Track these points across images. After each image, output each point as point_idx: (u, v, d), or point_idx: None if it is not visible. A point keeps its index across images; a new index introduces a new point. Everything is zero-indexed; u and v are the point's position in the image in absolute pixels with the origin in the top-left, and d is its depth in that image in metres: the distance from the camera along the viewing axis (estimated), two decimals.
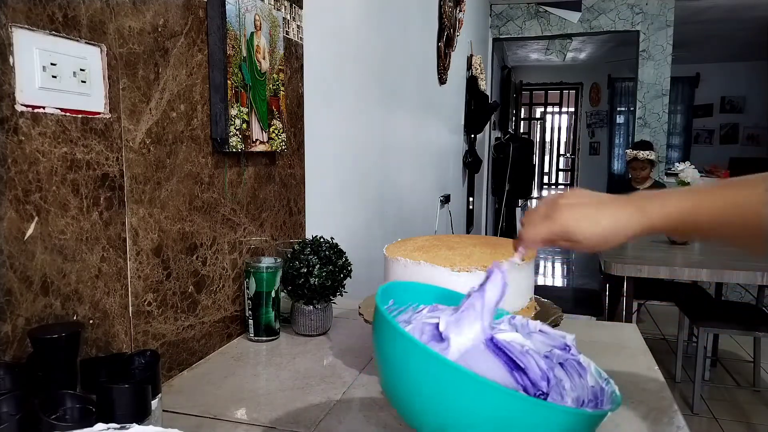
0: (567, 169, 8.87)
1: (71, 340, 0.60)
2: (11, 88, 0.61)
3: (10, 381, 0.56)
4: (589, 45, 6.64)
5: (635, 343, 1.07)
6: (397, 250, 0.96)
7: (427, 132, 2.87)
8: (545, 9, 5.05)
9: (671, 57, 4.87)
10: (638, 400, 0.82)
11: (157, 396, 0.63)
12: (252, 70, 1.04)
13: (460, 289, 0.88)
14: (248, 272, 1.02)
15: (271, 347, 1.03)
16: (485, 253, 0.92)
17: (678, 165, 3.27)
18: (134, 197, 0.79)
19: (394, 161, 2.27)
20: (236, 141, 0.99)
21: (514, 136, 5.88)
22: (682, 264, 2.45)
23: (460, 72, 3.83)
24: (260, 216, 1.14)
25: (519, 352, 0.61)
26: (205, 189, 0.96)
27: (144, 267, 0.82)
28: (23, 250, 0.63)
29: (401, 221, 2.41)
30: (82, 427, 0.43)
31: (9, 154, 0.61)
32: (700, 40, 6.27)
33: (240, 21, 0.99)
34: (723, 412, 2.81)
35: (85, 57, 0.70)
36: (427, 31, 2.78)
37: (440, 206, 3.25)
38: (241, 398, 0.82)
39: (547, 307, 1.01)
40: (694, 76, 7.83)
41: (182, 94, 0.89)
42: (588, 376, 0.61)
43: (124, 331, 0.78)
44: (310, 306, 1.07)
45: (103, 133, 0.73)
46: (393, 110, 2.22)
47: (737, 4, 4.94)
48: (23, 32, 0.62)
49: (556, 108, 8.82)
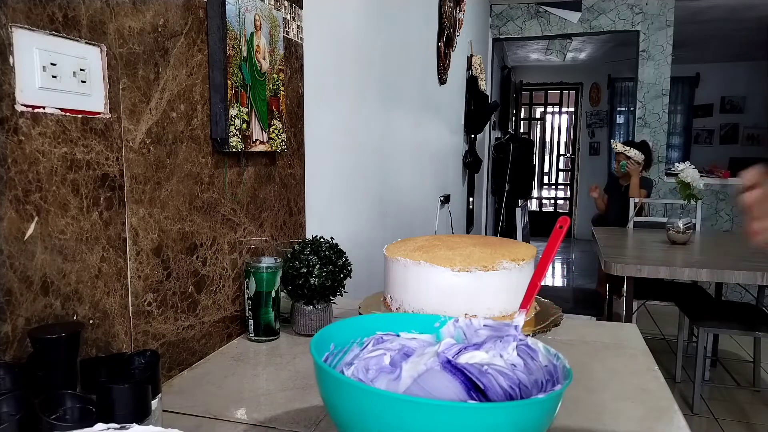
0: (567, 169, 8.86)
1: (71, 340, 0.60)
2: (11, 88, 0.61)
3: (10, 381, 0.55)
4: (589, 45, 6.64)
5: (635, 343, 1.07)
6: (397, 250, 0.96)
7: (427, 132, 2.87)
8: (545, 9, 5.05)
9: (671, 57, 4.87)
10: (638, 400, 0.82)
11: (157, 396, 0.62)
12: (252, 70, 1.04)
13: (460, 289, 0.88)
14: (248, 272, 1.02)
15: (271, 347, 1.03)
16: (485, 253, 0.92)
17: (678, 165, 3.27)
18: (134, 197, 0.79)
19: (394, 161, 2.27)
20: (236, 141, 0.99)
21: (514, 136, 5.88)
22: (682, 264, 2.45)
23: (460, 72, 3.83)
24: (260, 216, 1.14)
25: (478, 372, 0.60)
26: (205, 189, 0.96)
27: (144, 267, 0.82)
28: (23, 250, 0.63)
29: (401, 221, 2.41)
30: (82, 427, 0.43)
31: (9, 154, 0.61)
32: (700, 40, 6.26)
33: (240, 21, 0.99)
34: (723, 412, 2.81)
35: (85, 57, 0.70)
36: (427, 31, 2.78)
37: (440, 206, 3.25)
38: (241, 398, 0.82)
39: (547, 307, 1.01)
40: (694, 76, 7.83)
41: (182, 94, 0.89)
42: (540, 356, 0.61)
43: (124, 331, 0.78)
44: (310, 306, 1.07)
45: (103, 133, 0.73)
46: (393, 110, 2.22)
47: (737, 4, 4.94)
48: (23, 32, 0.62)
49: (556, 108, 8.81)
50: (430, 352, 0.64)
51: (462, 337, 0.68)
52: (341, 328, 0.67)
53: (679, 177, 3.17)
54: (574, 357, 0.97)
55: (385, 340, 0.68)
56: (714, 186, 4.97)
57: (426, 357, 0.63)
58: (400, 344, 0.67)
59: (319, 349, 0.60)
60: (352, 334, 0.68)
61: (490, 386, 0.59)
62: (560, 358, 0.58)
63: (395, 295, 0.94)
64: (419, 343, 0.68)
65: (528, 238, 6.16)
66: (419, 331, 0.70)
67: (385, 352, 0.65)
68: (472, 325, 0.68)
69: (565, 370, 0.56)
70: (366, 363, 0.63)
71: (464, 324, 0.69)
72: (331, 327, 0.66)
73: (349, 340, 0.67)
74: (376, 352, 0.65)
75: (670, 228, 2.89)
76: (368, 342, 0.67)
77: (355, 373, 0.62)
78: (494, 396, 0.58)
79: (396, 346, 0.66)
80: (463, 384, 0.59)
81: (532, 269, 0.95)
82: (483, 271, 0.88)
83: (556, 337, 1.08)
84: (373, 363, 0.63)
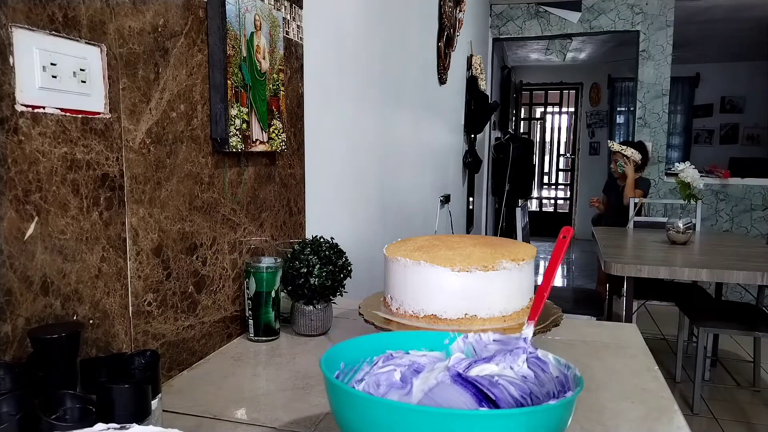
0: (567, 169, 8.86)
1: (71, 340, 0.60)
2: (11, 88, 0.61)
3: (10, 381, 0.55)
4: (589, 45, 6.64)
5: (635, 343, 1.07)
6: (397, 250, 0.96)
7: (427, 132, 2.87)
8: (545, 9, 5.05)
9: (671, 57, 4.87)
10: (638, 400, 0.82)
11: (157, 396, 0.62)
12: (252, 70, 1.04)
13: (460, 289, 0.88)
14: (248, 272, 1.02)
15: (271, 347, 1.03)
16: (485, 253, 0.92)
17: (678, 165, 3.27)
18: (134, 197, 0.79)
19: (394, 161, 2.27)
20: (236, 141, 0.99)
21: (514, 136, 5.87)
22: (682, 264, 2.45)
23: (460, 72, 3.83)
24: (260, 216, 1.14)
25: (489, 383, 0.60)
26: (205, 189, 0.96)
27: (144, 267, 0.82)
28: (23, 250, 0.63)
29: (401, 221, 2.41)
30: (82, 427, 0.43)
31: (9, 154, 0.61)
32: (700, 40, 6.26)
33: (240, 21, 0.99)
34: (723, 412, 2.81)
35: (85, 57, 0.70)
36: (427, 31, 2.78)
37: (440, 206, 3.25)
38: (241, 398, 0.82)
39: (547, 307, 1.01)
40: (694, 76, 7.83)
41: (182, 94, 0.89)
42: (550, 367, 0.61)
43: (124, 331, 0.78)
44: (310, 306, 1.07)
45: (103, 133, 0.73)
46: (393, 110, 2.22)
47: (737, 4, 4.94)
48: (23, 32, 0.62)
49: (556, 108, 8.81)
50: (440, 366, 0.65)
51: (472, 353, 0.68)
52: (351, 346, 0.67)
53: (679, 177, 3.17)
54: (574, 357, 0.97)
55: (394, 356, 0.67)
56: (714, 186, 4.97)
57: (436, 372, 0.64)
58: (410, 360, 0.67)
59: (329, 367, 0.60)
60: (362, 353, 0.67)
61: (501, 397, 0.59)
62: (571, 368, 0.58)
63: (395, 295, 0.94)
64: (429, 359, 0.68)
65: (528, 238, 6.16)
66: (429, 348, 0.70)
67: (395, 368, 0.65)
68: (481, 340, 0.68)
69: (576, 379, 0.56)
70: (376, 378, 0.64)
71: (474, 339, 0.69)
72: (340, 345, 0.66)
73: (359, 359, 0.67)
74: (387, 368, 0.65)
75: (670, 228, 2.89)
76: (378, 360, 0.67)
77: (365, 388, 0.62)
78: (505, 406, 0.58)
79: (406, 362, 0.67)
80: (474, 396, 0.59)
81: (532, 269, 0.95)
82: (483, 271, 0.88)
83: (556, 337, 1.08)
84: (383, 378, 0.63)
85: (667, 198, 4.81)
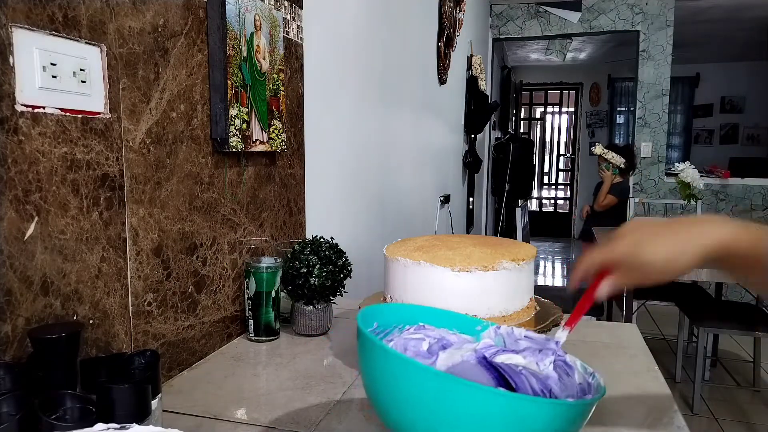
0: (567, 169, 8.86)
1: (71, 340, 0.60)
2: (11, 88, 0.61)
3: (10, 381, 0.55)
4: (589, 45, 6.64)
5: (635, 343, 1.07)
6: (397, 250, 0.96)
7: (427, 132, 2.87)
8: (545, 9, 5.05)
9: (671, 57, 4.87)
10: (638, 400, 0.82)
11: (157, 396, 0.63)
12: (252, 70, 1.04)
13: (460, 289, 0.88)
14: (248, 272, 1.02)
15: (271, 347, 1.03)
16: (485, 253, 0.92)
17: (678, 165, 3.27)
18: (134, 197, 0.79)
19: (394, 161, 2.27)
20: (236, 141, 0.99)
21: (514, 136, 5.87)
22: None
23: (460, 72, 3.83)
24: (260, 216, 1.14)
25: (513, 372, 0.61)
26: (205, 189, 0.96)
27: (144, 267, 0.82)
28: (23, 250, 0.63)
29: (401, 221, 2.41)
30: (82, 427, 0.43)
31: (9, 154, 0.61)
32: (700, 40, 6.26)
33: (240, 21, 0.99)
34: (723, 412, 2.81)
35: (85, 57, 0.70)
36: (427, 31, 2.78)
37: (440, 206, 3.25)
38: (241, 398, 0.82)
39: (547, 307, 1.01)
40: (694, 76, 7.82)
41: (182, 94, 0.89)
42: (575, 374, 0.61)
43: (124, 331, 0.78)
44: (310, 306, 1.07)
45: (103, 133, 0.73)
46: (393, 110, 2.22)
47: (737, 4, 4.94)
48: (23, 32, 0.62)
49: (556, 108, 8.80)
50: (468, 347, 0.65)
51: (501, 344, 0.69)
52: (387, 310, 0.69)
53: (679, 177, 3.17)
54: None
55: (426, 328, 0.69)
56: (714, 186, 4.97)
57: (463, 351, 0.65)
58: (440, 335, 0.68)
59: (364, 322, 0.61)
60: (396, 319, 0.69)
61: (522, 386, 0.60)
62: (596, 377, 0.58)
63: (395, 295, 0.94)
64: (459, 339, 0.69)
65: (528, 238, 6.17)
66: (460, 331, 0.70)
67: (424, 338, 0.66)
68: (513, 333, 0.69)
69: (598, 388, 0.56)
70: (405, 343, 0.64)
71: (505, 332, 0.70)
72: (377, 306, 0.68)
73: (392, 323, 0.68)
74: (417, 335, 0.66)
75: None
76: (410, 327, 0.68)
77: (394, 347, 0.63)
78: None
79: (436, 336, 0.68)
80: (495, 379, 0.60)
81: (532, 269, 0.95)
82: (483, 271, 0.88)
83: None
84: (411, 344, 0.64)
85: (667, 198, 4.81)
